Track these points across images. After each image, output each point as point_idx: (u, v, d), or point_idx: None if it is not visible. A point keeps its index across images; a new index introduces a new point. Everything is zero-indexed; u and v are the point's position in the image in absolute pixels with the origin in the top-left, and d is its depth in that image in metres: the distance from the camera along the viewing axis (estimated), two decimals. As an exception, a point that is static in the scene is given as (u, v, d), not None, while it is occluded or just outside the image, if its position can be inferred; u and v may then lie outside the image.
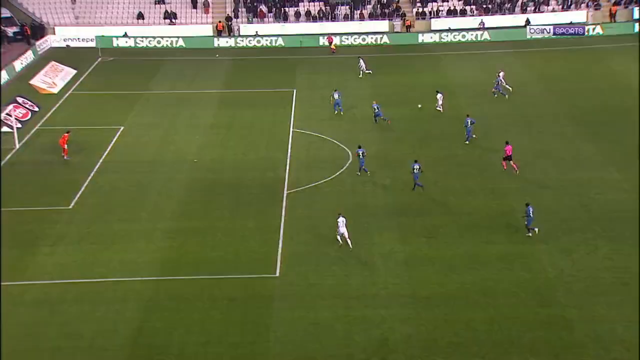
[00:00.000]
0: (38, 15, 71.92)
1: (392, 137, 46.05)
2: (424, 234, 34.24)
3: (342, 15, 73.92)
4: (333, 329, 27.52)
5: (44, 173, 41.36)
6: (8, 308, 28.72)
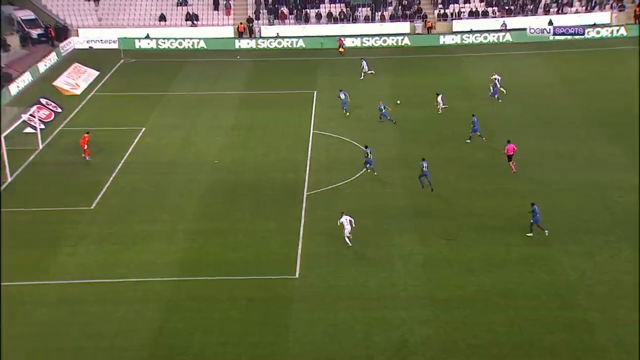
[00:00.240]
0: (62, 17, 72.65)
1: (413, 138, 45.94)
2: (443, 235, 34.12)
3: (363, 16, 73.89)
4: (352, 331, 27.51)
5: (67, 173, 41.75)
6: (30, 308, 29.04)
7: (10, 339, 27.16)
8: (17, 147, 43.74)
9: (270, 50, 69.08)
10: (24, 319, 28.39)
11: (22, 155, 43.59)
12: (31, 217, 36.49)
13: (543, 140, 45.02)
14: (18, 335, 27.45)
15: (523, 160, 42.06)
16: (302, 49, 69.05)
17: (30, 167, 42.69)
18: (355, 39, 70.02)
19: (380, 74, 60.61)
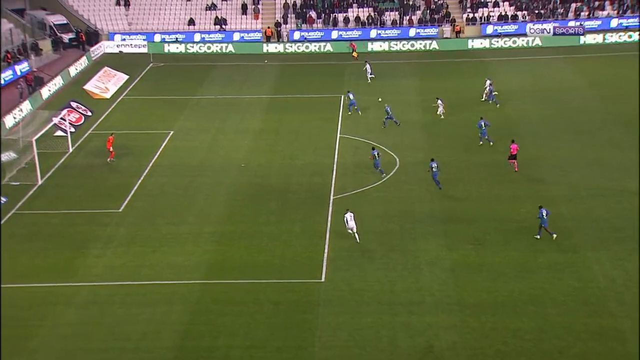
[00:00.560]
0: (93, 22, 73.46)
1: (439, 143, 45.65)
2: (470, 241, 33.80)
3: (391, 21, 73.71)
4: (378, 335, 27.33)
5: (96, 176, 42.11)
6: (61, 309, 29.30)
7: (41, 339, 27.43)
8: (48, 150, 44.32)
9: (297, 54, 69.15)
10: (55, 319, 28.64)
11: (53, 158, 44.08)
12: (61, 219, 36.84)
13: (572, 145, 44.49)
14: (48, 335, 27.71)
15: (552, 164, 41.67)
16: (329, 53, 69.04)
17: (61, 169, 43.14)
18: (382, 43, 69.86)
19: (408, 79, 60.40)
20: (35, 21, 71.59)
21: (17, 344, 27.06)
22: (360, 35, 71.78)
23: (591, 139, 45.54)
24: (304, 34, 71.51)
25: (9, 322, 28.44)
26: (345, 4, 75.34)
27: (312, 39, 71.11)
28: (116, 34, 71.76)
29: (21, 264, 32.63)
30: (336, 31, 72.09)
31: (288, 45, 70.39)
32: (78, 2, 75.25)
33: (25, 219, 36.98)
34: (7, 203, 38.32)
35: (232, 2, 76.18)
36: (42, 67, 63.13)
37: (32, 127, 44.74)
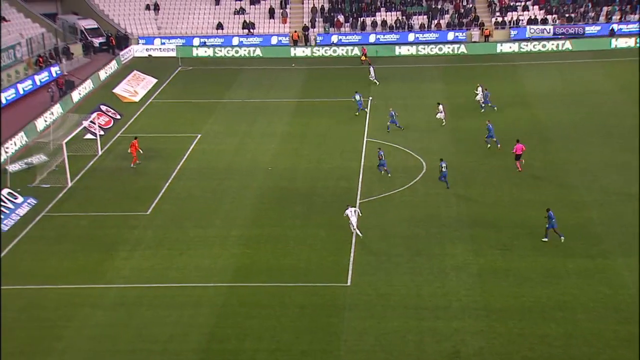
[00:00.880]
0: (123, 26, 74.23)
1: (468, 148, 45.37)
2: (497, 246, 33.52)
3: (419, 25, 73.48)
4: (404, 340, 27.20)
5: (124, 179, 42.48)
6: (89, 310, 29.56)
7: (70, 340, 27.70)
8: (77, 153, 44.82)
9: (325, 58, 69.20)
10: (83, 321, 28.89)
11: (82, 161, 44.56)
12: (90, 222, 37.19)
13: (602, 149, 43.96)
14: (77, 336, 27.97)
15: (582, 169, 41.23)
16: (357, 57, 68.99)
17: (90, 172, 43.58)
18: (410, 47, 69.65)
19: (435, 82, 60.18)
20: (67, 25, 72.57)
21: (46, 345, 27.36)
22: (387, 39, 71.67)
23: (622, 143, 44.93)
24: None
25: (39, 323, 28.77)
26: (373, 8, 75.29)
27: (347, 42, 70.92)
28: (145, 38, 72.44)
29: (50, 266, 33.00)
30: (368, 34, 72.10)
31: (315, 49, 70.47)
32: (109, 7, 76.12)
33: (55, 221, 37.41)
34: (38, 205, 38.79)
35: (260, 6, 76.52)
36: (72, 70, 63.95)
37: (62, 130, 45.32)
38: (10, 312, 29.48)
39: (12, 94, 56.08)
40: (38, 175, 41.94)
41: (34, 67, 61.50)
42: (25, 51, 61.73)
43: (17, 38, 62.61)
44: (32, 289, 31.06)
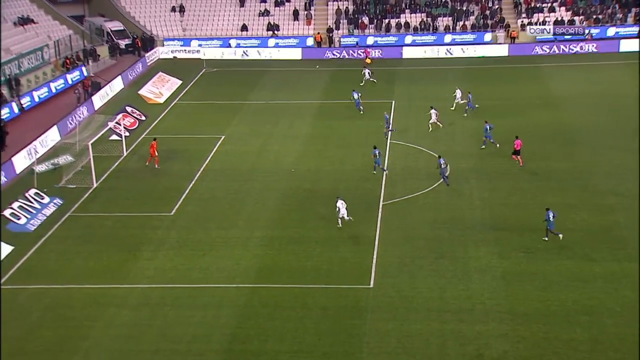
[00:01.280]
0: (148, 28, 74.77)
1: (491, 150, 45.01)
2: (522, 248, 33.23)
3: (444, 26, 73.15)
4: (427, 343, 27.06)
5: (148, 180, 42.73)
6: (114, 310, 29.77)
7: (95, 339, 27.92)
8: (103, 154, 45.16)
9: (349, 59, 69.11)
10: (107, 320, 29.09)
11: (108, 162, 44.90)
12: (114, 222, 37.46)
13: (627, 153, 43.33)
14: (102, 335, 28.17)
15: (608, 172, 40.77)
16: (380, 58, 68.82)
17: (115, 173, 43.89)
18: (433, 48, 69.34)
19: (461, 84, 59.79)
20: (94, 27, 73.26)
21: (72, 344, 27.59)
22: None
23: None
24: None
25: (65, 322, 29.03)
26: (397, 10, 75.09)
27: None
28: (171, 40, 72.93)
29: (76, 266, 33.30)
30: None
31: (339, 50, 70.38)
32: (135, 9, 76.73)
33: (81, 221, 37.74)
34: (63, 205, 39.17)
35: (285, 7, 76.66)
36: (99, 72, 64.53)
37: (88, 131, 45.70)
38: (36, 310, 29.81)
39: (42, 94, 56.74)
40: (64, 176, 42.34)
41: (61, 69, 62.17)
42: (52, 53, 62.41)
43: (45, 40, 63.35)
44: (58, 288, 31.36)
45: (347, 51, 69.83)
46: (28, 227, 36.77)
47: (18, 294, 31.02)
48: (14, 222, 36.93)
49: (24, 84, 56.82)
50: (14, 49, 59.24)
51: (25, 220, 37.20)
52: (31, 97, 55.50)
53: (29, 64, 58.48)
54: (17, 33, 63.27)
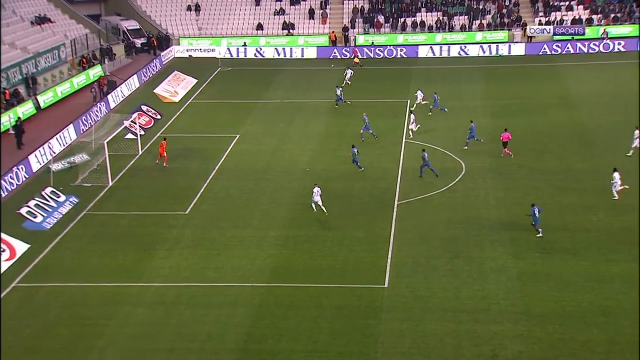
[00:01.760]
0: (164, 27, 75.09)
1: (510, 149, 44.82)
2: (538, 249, 33.12)
3: (460, 25, 72.93)
4: (442, 343, 27.03)
5: (163, 179, 42.95)
6: (129, 309, 29.94)
7: (110, 337, 28.10)
8: (118, 153, 45.44)
9: (364, 59, 69.05)
10: (123, 319, 29.26)
11: (123, 160, 45.16)
12: (130, 221, 37.68)
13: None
14: (117, 334, 28.35)
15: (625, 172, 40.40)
16: (396, 58, 68.74)
17: (130, 171, 44.14)
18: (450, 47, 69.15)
19: (476, 83, 59.68)
20: (110, 26, 73.70)
21: (87, 342, 27.78)
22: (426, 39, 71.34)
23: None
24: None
25: (81, 320, 29.24)
26: (413, 9, 74.96)
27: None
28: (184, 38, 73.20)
29: (91, 264, 33.53)
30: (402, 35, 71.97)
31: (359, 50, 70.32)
32: (150, 8, 77.10)
33: (96, 219, 38.00)
34: (79, 203, 39.45)
35: (300, 6, 76.73)
36: (114, 71, 64.91)
37: (104, 130, 45.98)
38: (53, 308, 30.06)
39: (59, 93, 57.13)
40: (80, 174, 42.64)
41: (77, 68, 62.59)
42: (69, 52, 62.86)
43: (61, 39, 63.81)
44: (74, 287, 31.59)
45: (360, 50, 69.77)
46: (44, 225, 37.08)
47: (35, 292, 31.30)
48: (30, 220, 37.25)
49: (40, 83, 57.28)
50: (31, 48, 59.72)
51: (42, 219, 37.52)
52: (48, 96, 55.90)
53: (45, 62, 58.92)
54: (34, 32, 63.78)
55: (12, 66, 54.82)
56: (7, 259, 33.58)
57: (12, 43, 59.19)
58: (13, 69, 54.83)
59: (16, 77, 55.05)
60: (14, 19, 63.51)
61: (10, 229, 35.48)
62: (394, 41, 71.29)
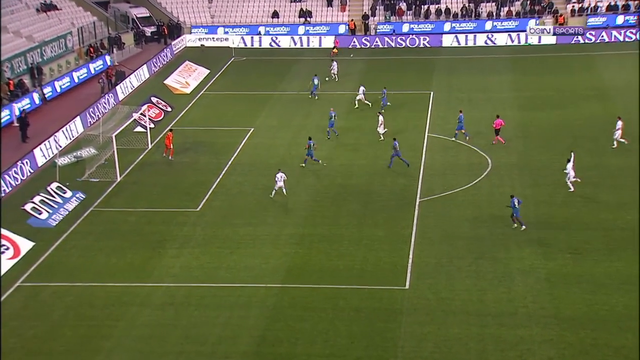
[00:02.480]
0: (175, 15, 75.35)
1: (537, 143, 44.68)
2: (568, 249, 32.91)
3: (487, 12, 72.51)
4: (466, 347, 26.94)
5: (174, 174, 43.11)
6: (136, 309, 30.08)
7: (117, 339, 28.23)
8: (127, 146, 45.68)
9: (385, 48, 68.91)
10: (130, 320, 29.40)
11: (132, 154, 45.38)
12: (138, 218, 37.86)
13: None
14: (124, 335, 28.47)
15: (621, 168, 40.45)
16: (419, 47, 68.50)
17: (139, 166, 44.34)
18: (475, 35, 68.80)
19: (503, 74, 59.37)
20: (119, 14, 74.09)
21: (95, 344, 27.93)
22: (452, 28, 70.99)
23: None
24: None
25: (87, 321, 29.40)
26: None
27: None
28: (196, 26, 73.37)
29: (98, 262, 33.73)
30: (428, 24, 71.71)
31: (375, 38, 70.18)
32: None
33: (103, 216, 38.22)
34: (86, 199, 39.69)
35: (318, -7, 76.74)
36: (123, 61, 65.28)
37: (112, 123, 46.17)
38: (58, 309, 30.27)
39: (64, 84, 57.56)
40: (87, 169, 42.90)
41: (84, 58, 62.98)
42: (76, 41, 63.24)
43: (68, 27, 64.20)
44: (80, 286, 31.78)
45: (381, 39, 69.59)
46: (49, 222, 37.35)
47: (39, 292, 31.54)
48: (35, 216, 37.54)
49: (46, 73, 57.71)
50: (37, 36, 60.14)
51: (47, 215, 37.79)
52: (53, 87, 56.32)
53: (51, 52, 59.34)
54: (40, 20, 64.22)
55: (16, 55, 55.26)
56: (10, 257, 33.88)
57: (17, 31, 59.66)
58: (18, 58, 55.27)
59: (21, 67, 55.49)
60: (19, 6, 63.98)
61: (14, 225, 35.80)
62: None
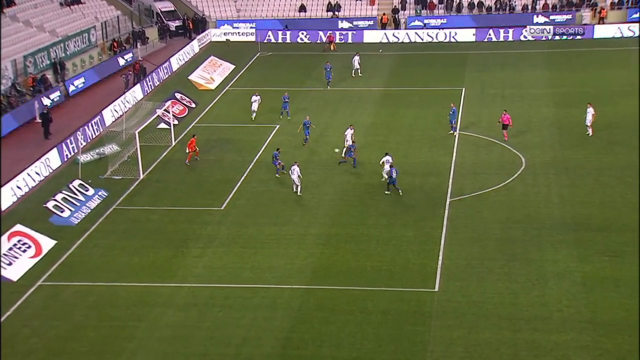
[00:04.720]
0: (200, 9, 75.70)
1: (573, 141, 44.28)
2: (606, 252, 32.59)
3: (521, 6, 71.96)
4: (498, 353, 26.78)
5: (198, 171, 43.32)
6: (160, 310, 30.25)
7: (140, 340, 28.42)
8: (150, 143, 45.96)
9: (416, 43, 68.66)
10: (153, 321, 29.58)
11: (155, 152, 45.67)
12: (161, 216, 38.07)
13: None
14: (147, 336, 28.66)
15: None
16: (451, 42, 68.15)
17: (163, 164, 44.61)
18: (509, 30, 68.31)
19: (538, 70, 58.90)
20: (143, 8, 74.58)
21: (117, 345, 28.13)
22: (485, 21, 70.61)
23: None
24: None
25: (109, 322, 29.62)
26: (469, -13, 74.31)
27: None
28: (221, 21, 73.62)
29: (120, 262, 33.99)
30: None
31: (406, 33, 69.95)
32: (186, -12, 77.86)
33: (126, 214, 38.51)
34: (108, 197, 40.01)
35: (346, -14, 76.66)
36: (147, 56, 65.72)
37: (135, 119, 46.45)
38: (80, 309, 30.54)
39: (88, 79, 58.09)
40: (110, 166, 43.23)
41: (108, 53, 63.52)
42: (99, 35, 63.81)
43: (92, 22, 64.78)
44: (102, 286, 32.05)
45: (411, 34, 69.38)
46: (71, 221, 37.71)
47: (61, 291, 31.86)
48: (57, 214, 37.92)
49: (69, 68, 58.28)
50: (60, 31, 60.79)
51: (69, 213, 38.17)
52: (77, 82, 56.83)
53: (75, 47, 59.93)
54: (63, 14, 64.89)
55: (39, 50, 55.89)
56: (32, 256, 34.26)
57: (40, 26, 60.34)
58: (41, 53, 55.90)
59: (44, 62, 56.08)
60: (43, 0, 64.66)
61: (36, 223, 36.22)
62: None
